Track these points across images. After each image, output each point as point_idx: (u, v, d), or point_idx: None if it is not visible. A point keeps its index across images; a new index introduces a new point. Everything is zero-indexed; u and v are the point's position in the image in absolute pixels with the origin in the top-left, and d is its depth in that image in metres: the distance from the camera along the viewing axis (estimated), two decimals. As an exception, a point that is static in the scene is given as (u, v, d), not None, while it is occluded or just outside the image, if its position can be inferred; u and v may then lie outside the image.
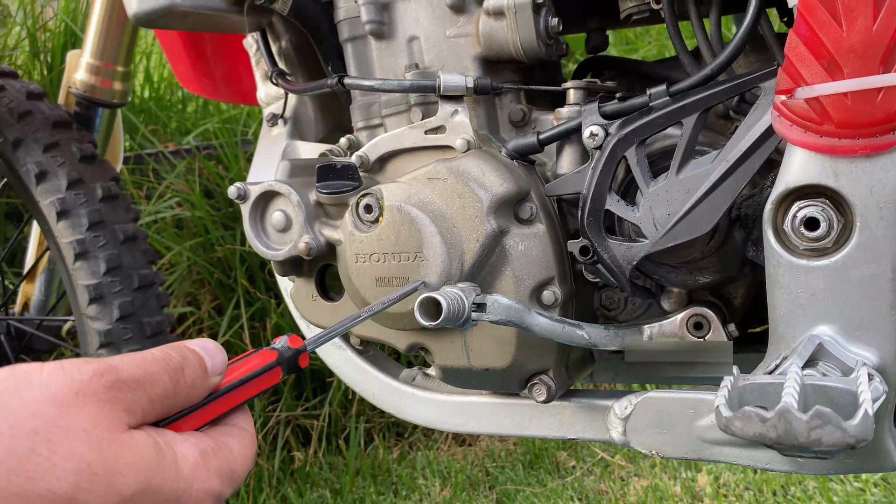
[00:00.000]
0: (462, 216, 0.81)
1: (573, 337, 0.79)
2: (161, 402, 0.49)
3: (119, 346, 1.32)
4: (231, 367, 0.54)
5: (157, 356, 0.50)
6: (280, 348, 0.57)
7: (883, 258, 0.64)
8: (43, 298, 1.64)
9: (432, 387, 0.98)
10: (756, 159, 0.71)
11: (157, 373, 0.49)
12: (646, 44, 2.59)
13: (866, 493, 1.65)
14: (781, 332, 0.70)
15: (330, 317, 0.93)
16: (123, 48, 1.47)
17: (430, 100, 0.90)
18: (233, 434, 0.53)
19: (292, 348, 0.57)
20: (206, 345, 0.53)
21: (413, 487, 1.84)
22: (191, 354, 0.51)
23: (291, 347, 0.57)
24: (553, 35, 0.87)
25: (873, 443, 0.69)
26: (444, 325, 0.70)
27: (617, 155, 0.77)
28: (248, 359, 0.56)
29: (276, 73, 1.04)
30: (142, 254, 1.38)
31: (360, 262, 0.85)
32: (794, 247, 0.68)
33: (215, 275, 2.00)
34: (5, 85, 1.37)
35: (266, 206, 0.90)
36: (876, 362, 0.65)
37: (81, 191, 1.34)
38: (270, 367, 0.56)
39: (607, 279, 0.80)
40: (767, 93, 0.70)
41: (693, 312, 0.82)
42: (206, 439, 0.51)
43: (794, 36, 0.65)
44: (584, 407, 0.87)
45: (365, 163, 0.90)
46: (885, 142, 0.62)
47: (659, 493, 1.72)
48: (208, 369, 0.52)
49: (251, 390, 0.55)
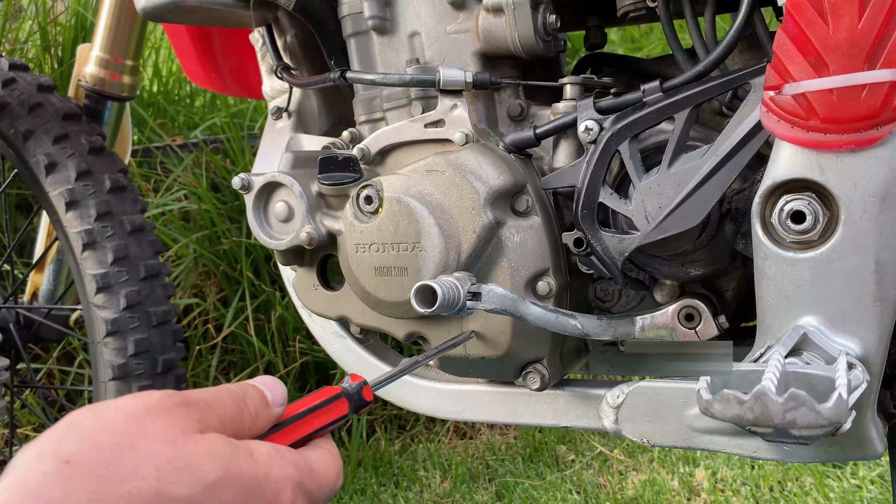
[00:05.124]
0: (459, 208, 0.83)
1: (566, 326, 0.81)
2: (230, 424, 0.52)
3: (125, 334, 1.34)
4: (299, 402, 0.58)
5: (220, 387, 0.54)
6: (345, 385, 0.61)
7: (866, 251, 0.66)
8: (51, 288, 1.66)
9: (430, 375, 1.00)
10: (745, 154, 0.72)
11: (223, 397, 0.53)
12: (650, 42, 2.61)
13: (863, 489, 1.66)
14: (768, 323, 0.72)
15: (330, 306, 0.95)
16: (133, 42, 1.50)
17: (430, 94, 0.92)
18: (312, 450, 0.56)
19: (355, 384, 0.61)
20: (264, 380, 0.57)
21: (414, 479, 1.87)
22: (250, 388, 0.55)
23: (354, 384, 0.61)
24: (551, 31, 0.89)
25: (856, 431, 0.71)
26: (439, 312, 0.72)
27: (611, 149, 0.79)
28: (315, 394, 0.59)
29: (281, 67, 1.06)
30: (149, 244, 1.41)
31: (359, 251, 0.87)
32: (781, 239, 0.70)
33: (221, 267, 2.02)
34: (16, 77, 1.39)
35: (269, 196, 0.92)
36: (859, 352, 0.67)
37: (90, 182, 1.37)
38: (335, 399, 0.59)
39: (601, 271, 0.82)
40: (757, 89, 0.72)
41: (684, 304, 0.84)
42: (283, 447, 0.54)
43: (782, 33, 0.66)
44: (577, 396, 0.89)
45: (366, 155, 0.92)
46: (869, 137, 0.64)
47: (657, 488, 1.73)
48: (269, 400, 0.55)
49: (321, 420, 0.58)
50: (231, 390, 0.54)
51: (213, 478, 0.47)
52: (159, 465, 0.46)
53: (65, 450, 0.45)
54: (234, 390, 0.54)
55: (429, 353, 0.75)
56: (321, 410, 0.58)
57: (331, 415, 0.59)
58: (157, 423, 0.48)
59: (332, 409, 0.59)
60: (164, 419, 0.48)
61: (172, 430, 0.48)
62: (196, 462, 0.47)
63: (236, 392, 0.54)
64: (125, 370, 1.34)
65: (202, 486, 0.47)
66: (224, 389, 0.53)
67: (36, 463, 0.45)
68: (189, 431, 0.49)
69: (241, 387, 0.55)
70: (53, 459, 0.45)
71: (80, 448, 0.45)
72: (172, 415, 0.49)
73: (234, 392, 0.54)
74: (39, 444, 0.46)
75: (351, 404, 0.60)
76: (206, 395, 0.52)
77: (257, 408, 0.54)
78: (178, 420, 0.49)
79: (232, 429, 0.52)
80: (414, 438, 2.06)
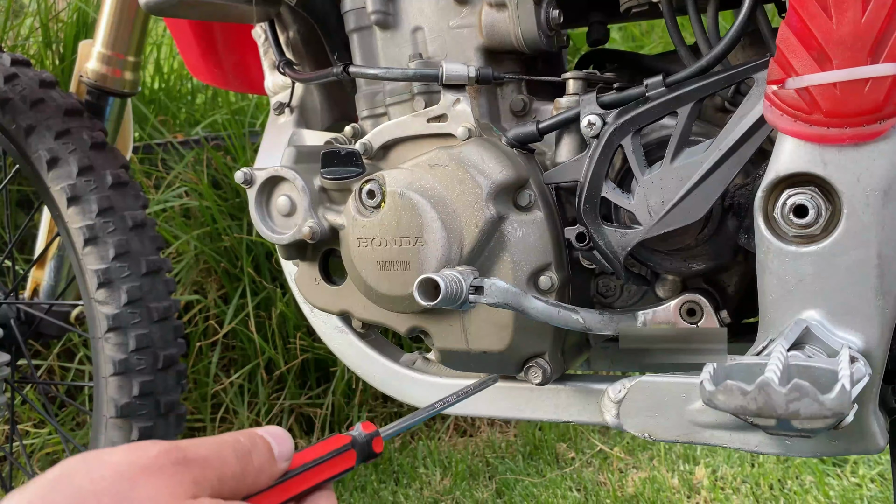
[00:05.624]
0: (462, 202, 0.83)
1: (568, 321, 0.81)
2: (229, 482, 0.50)
3: (126, 329, 1.35)
4: (306, 450, 0.56)
5: (226, 440, 0.52)
6: (354, 434, 0.59)
7: (869, 245, 0.66)
8: (52, 284, 1.66)
9: (432, 370, 1.01)
10: (748, 148, 0.73)
11: (225, 454, 0.50)
12: (651, 41, 2.61)
13: (863, 487, 1.66)
14: (771, 317, 0.72)
15: (332, 300, 0.95)
16: (134, 38, 1.50)
17: (432, 89, 0.92)
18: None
19: (365, 433, 0.59)
20: (274, 432, 0.55)
21: (414, 476, 1.87)
22: (259, 440, 0.53)
23: (365, 433, 0.59)
24: (554, 27, 0.89)
25: (858, 425, 0.71)
26: (441, 305, 0.72)
27: (613, 143, 0.79)
28: (323, 443, 0.58)
29: (284, 62, 1.06)
30: (150, 240, 1.41)
31: (362, 246, 0.87)
32: (783, 233, 0.70)
33: (222, 264, 2.02)
34: (18, 73, 1.40)
35: (271, 191, 0.92)
36: (861, 346, 0.67)
37: (92, 177, 1.37)
38: (343, 450, 0.57)
39: (603, 265, 0.82)
40: (760, 83, 0.72)
41: (686, 299, 0.84)
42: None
43: (785, 27, 0.67)
44: (579, 391, 0.89)
45: (368, 150, 0.92)
46: (872, 131, 0.64)
47: (657, 485, 1.73)
48: (276, 455, 0.54)
49: (325, 472, 0.56)
50: (237, 444, 0.52)
51: None
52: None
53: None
54: (241, 443, 0.52)
55: (447, 399, 0.72)
56: (327, 462, 0.57)
57: (336, 467, 0.57)
58: (148, 487, 0.46)
59: (338, 461, 0.57)
60: (156, 482, 0.46)
61: (162, 496, 0.46)
62: None
63: (242, 446, 0.52)
64: (126, 366, 1.34)
65: None
66: (229, 443, 0.51)
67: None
68: (180, 497, 0.46)
69: (250, 438, 0.53)
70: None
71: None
72: (166, 477, 0.47)
73: (240, 446, 0.52)
74: (25, 496, 0.45)
75: (359, 456, 0.59)
76: (208, 450, 0.50)
77: (262, 463, 0.52)
78: (170, 483, 0.47)
79: (231, 485, 0.50)
80: (414, 436, 2.06)
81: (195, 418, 1.96)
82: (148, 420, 1.37)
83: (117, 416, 1.35)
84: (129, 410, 1.35)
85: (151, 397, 1.37)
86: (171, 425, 1.41)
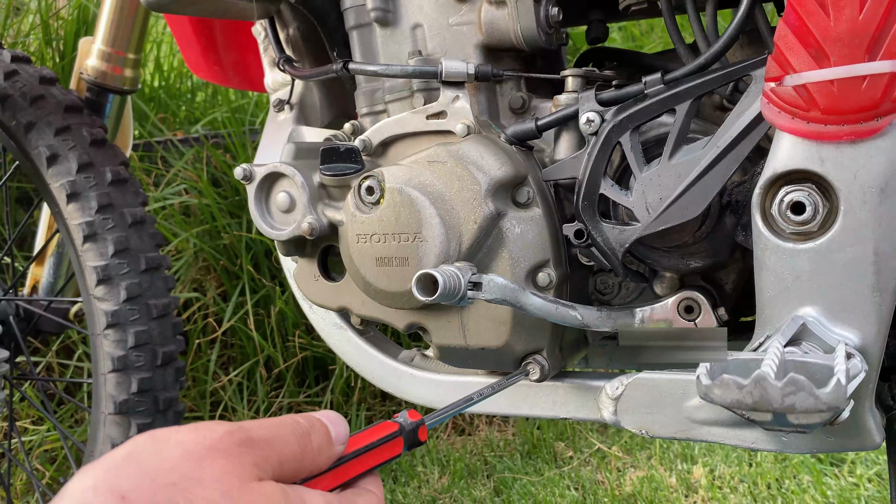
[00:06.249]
0: (461, 198, 0.83)
1: (566, 317, 0.81)
2: (290, 464, 0.51)
3: (125, 326, 1.35)
4: (355, 436, 0.57)
5: (286, 421, 0.53)
6: (401, 421, 0.60)
7: (866, 241, 0.66)
8: (52, 281, 1.66)
9: (430, 367, 1.01)
10: (746, 145, 0.73)
11: (286, 435, 0.52)
12: (651, 41, 2.61)
13: (860, 487, 1.67)
14: (768, 314, 0.72)
15: (331, 297, 0.95)
16: (135, 36, 1.50)
17: (432, 86, 0.92)
18: (361, 495, 0.56)
19: (412, 421, 0.60)
20: (330, 416, 0.56)
21: (412, 475, 1.87)
22: (317, 423, 0.55)
23: (411, 420, 0.60)
24: (553, 24, 0.89)
25: (854, 421, 0.71)
26: (440, 300, 0.72)
27: (612, 140, 0.79)
28: (372, 429, 0.59)
29: (284, 59, 1.06)
30: (149, 237, 1.41)
31: (361, 242, 0.87)
32: (780, 230, 0.70)
33: (221, 262, 2.03)
34: (18, 69, 1.40)
35: (271, 187, 0.92)
36: (858, 343, 0.68)
37: (91, 174, 1.37)
38: (392, 437, 0.59)
39: (601, 262, 0.82)
40: (758, 80, 0.72)
41: (684, 296, 0.84)
42: (333, 497, 0.53)
43: (783, 25, 0.67)
44: (576, 387, 0.90)
45: (368, 147, 0.92)
46: (869, 128, 0.64)
47: (654, 484, 1.74)
48: (333, 437, 0.55)
49: (374, 459, 0.58)
50: (296, 425, 0.53)
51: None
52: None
53: (122, 485, 0.45)
54: (300, 424, 0.53)
55: (484, 391, 0.74)
56: (378, 448, 0.58)
57: (385, 454, 0.58)
58: (215, 467, 0.47)
59: (387, 448, 0.58)
60: (223, 462, 0.47)
61: (230, 477, 0.47)
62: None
63: (302, 427, 0.53)
64: (125, 362, 1.35)
65: None
66: (289, 425, 0.52)
67: (92, 495, 0.44)
68: (246, 479, 0.48)
69: (309, 420, 0.54)
70: (110, 493, 0.44)
71: (137, 485, 0.45)
72: (231, 458, 0.48)
73: (300, 427, 0.53)
74: (96, 474, 0.46)
75: (406, 444, 0.60)
76: (270, 432, 0.51)
77: (321, 445, 0.54)
78: (236, 465, 0.48)
79: (291, 467, 0.51)
80: (412, 434, 2.06)
81: (194, 415, 1.96)
82: (146, 417, 1.37)
83: (116, 413, 1.35)
84: (128, 407, 1.35)
85: (150, 394, 1.37)
86: (169, 422, 1.41)
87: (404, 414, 0.61)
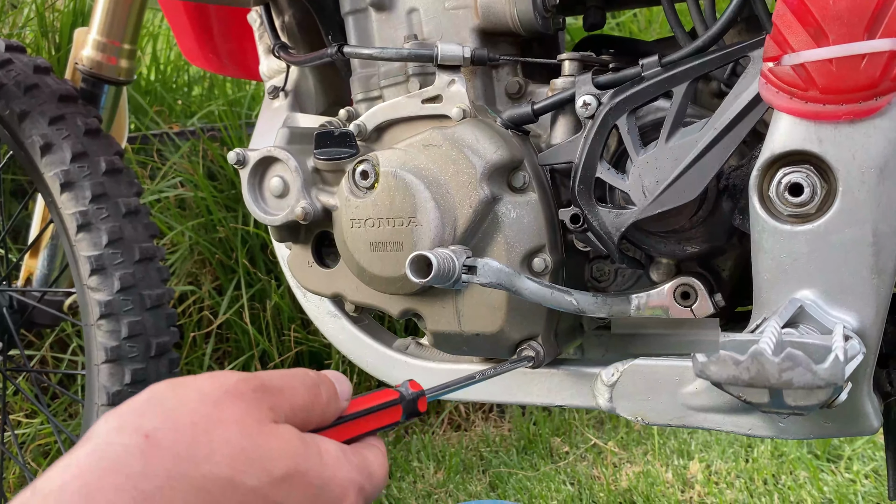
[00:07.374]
0: (456, 182, 0.82)
1: (561, 302, 0.80)
2: (300, 413, 0.53)
3: (119, 316, 1.34)
4: (357, 399, 0.58)
5: (297, 373, 0.55)
6: (402, 390, 0.61)
7: (864, 223, 0.66)
8: (46, 272, 1.65)
9: (425, 355, 1.00)
10: (743, 127, 0.72)
11: (297, 385, 0.53)
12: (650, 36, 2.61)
13: (857, 483, 1.66)
14: (765, 297, 0.71)
15: (325, 283, 0.94)
16: (130, 26, 1.49)
17: (427, 70, 0.91)
18: (369, 448, 0.57)
19: (413, 391, 0.61)
20: (334, 373, 0.58)
21: (408, 469, 1.86)
22: (324, 377, 0.56)
23: (412, 390, 0.61)
24: (550, 8, 0.89)
25: (852, 405, 0.70)
26: (433, 283, 0.71)
27: (609, 124, 0.79)
28: (373, 394, 0.60)
29: (279, 45, 1.05)
30: (144, 227, 1.40)
31: (355, 227, 0.86)
32: (778, 212, 0.70)
33: (217, 255, 2.02)
34: (13, 58, 1.39)
35: (264, 171, 0.91)
36: (856, 326, 0.67)
37: (85, 164, 1.36)
38: (392, 404, 0.59)
39: (597, 247, 0.81)
40: (756, 61, 0.72)
41: (681, 282, 0.83)
42: (345, 446, 0.55)
43: (781, 4, 0.66)
44: (571, 374, 0.89)
45: (363, 131, 0.92)
46: (868, 107, 0.64)
47: (650, 480, 1.73)
48: (339, 392, 0.56)
49: (374, 422, 0.59)
50: (306, 377, 0.54)
51: (283, 472, 0.48)
52: (233, 453, 0.46)
53: (146, 424, 0.46)
54: (309, 377, 0.54)
55: (487, 371, 0.75)
56: (378, 413, 0.59)
57: (385, 419, 0.59)
58: (234, 409, 0.48)
59: (387, 413, 0.59)
60: (240, 405, 0.49)
61: (248, 418, 0.48)
62: (268, 454, 0.48)
63: (311, 378, 0.54)
64: (118, 353, 1.33)
65: (271, 479, 0.47)
66: (299, 377, 0.54)
67: (116, 435, 0.45)
68: (263, 421, 0.49)
69: (317, 374, 0.56)
70: (134, 433, 0.45)
71: (160, 425, 0.46)
72: (248, 401, 0.49)
73: (309, 379, 0.54)
74: (121, 416, 0.47)
75: (405, 412, 0.60)
76: (281, 380, 0.52)
77: (329, 398, 0.55)
78: (252, 408, 0.49)
79: (301, 417, 0.53)
80: (408, 430, 2.05)
81: (188, 410, 1.95)
82: (140, 408, 1.36)
83: (109, 404, 1.34)
84: (121, 398, 1.34)
85: (143, 385, 1.36)
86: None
87: (406, 383, 0.61)
